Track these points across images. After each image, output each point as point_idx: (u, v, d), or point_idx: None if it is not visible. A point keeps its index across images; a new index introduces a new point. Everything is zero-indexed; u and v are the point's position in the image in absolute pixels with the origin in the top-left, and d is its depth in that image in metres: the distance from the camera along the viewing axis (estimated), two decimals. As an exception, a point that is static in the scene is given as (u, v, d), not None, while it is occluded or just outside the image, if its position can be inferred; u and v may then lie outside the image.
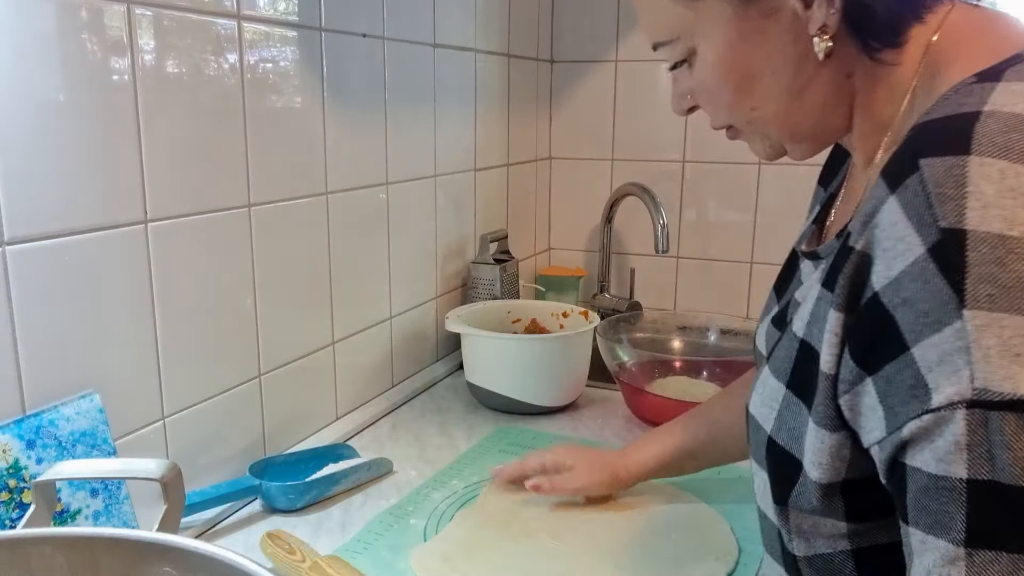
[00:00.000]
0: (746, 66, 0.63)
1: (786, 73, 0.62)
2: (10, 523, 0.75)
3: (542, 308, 1.51)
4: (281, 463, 1.09)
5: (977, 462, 0.50)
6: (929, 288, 0.50)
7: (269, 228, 1.08)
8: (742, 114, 0.67)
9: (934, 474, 0.52)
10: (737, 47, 0.63)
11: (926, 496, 0.53)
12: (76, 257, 0.83)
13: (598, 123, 1.90)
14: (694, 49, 0.65)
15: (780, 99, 0.64)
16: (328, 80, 1.17)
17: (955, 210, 0.50)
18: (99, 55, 0.84)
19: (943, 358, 0.50)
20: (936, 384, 0.51)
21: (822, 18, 0.59)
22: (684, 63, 0.68)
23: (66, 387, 0.83)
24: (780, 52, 0.62)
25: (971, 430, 0.49)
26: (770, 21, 0.61)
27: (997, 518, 0.50)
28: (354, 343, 1.30)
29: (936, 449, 0.51)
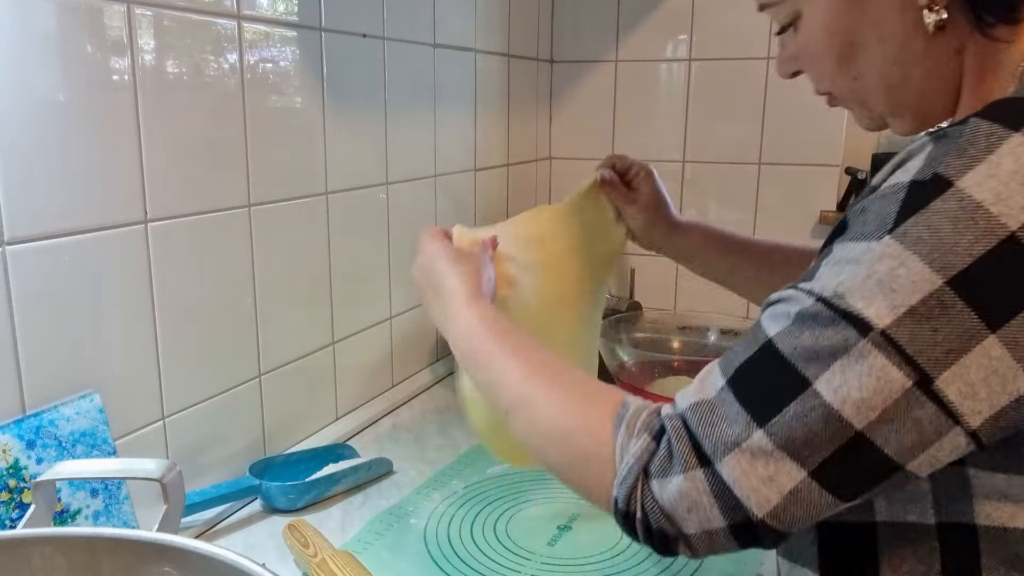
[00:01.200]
0: (851, 33, 0.62)
1: (892, 44, 0.61)
2: (10, 523, 0.75)
3: (542, 308, 1.50)
4: (281, 463, 1.09)
5: (786, 335, 0.54)
6: (883, 208, 0.52)
7: (269, 228, 1.08)
8: (844, 82, 0.65)
9: (758, 322, 0.57)
10: (843, 13, 0.62)
11: (744, 337, 0.59)
12: (76, 257, 0.83)
13: (598, 123, 1.90)
14: (800, 12, 0.65)
15: (883, 70, 0.62)
16: (328, 80, 1.16)
17: (961, 167, 0.50)
18: (99, 55, 0.84)
19: (840, 262, 0.53)
20: (818, 275, 0.54)
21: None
22: (790, 27, 0.67)
23: (66, 387, 0.83)
24: (887, 21, 0.60)
25: (802, 313, 0.53)
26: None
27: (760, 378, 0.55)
28: (354, 343, 1.29)
29: (776, 311, 0.56)
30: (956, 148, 0.51)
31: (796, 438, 0.52)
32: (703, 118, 1.81)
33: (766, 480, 0.53)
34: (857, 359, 0.50)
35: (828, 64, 0.65)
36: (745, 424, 0.53)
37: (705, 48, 1.77)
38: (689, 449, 0.55)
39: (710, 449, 0.55)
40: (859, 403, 0.50)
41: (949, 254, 0.48)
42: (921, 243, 0.49)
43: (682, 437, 0.56)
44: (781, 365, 0.53)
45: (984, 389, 0.49)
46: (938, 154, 0.51)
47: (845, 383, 0.50)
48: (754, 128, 1.77)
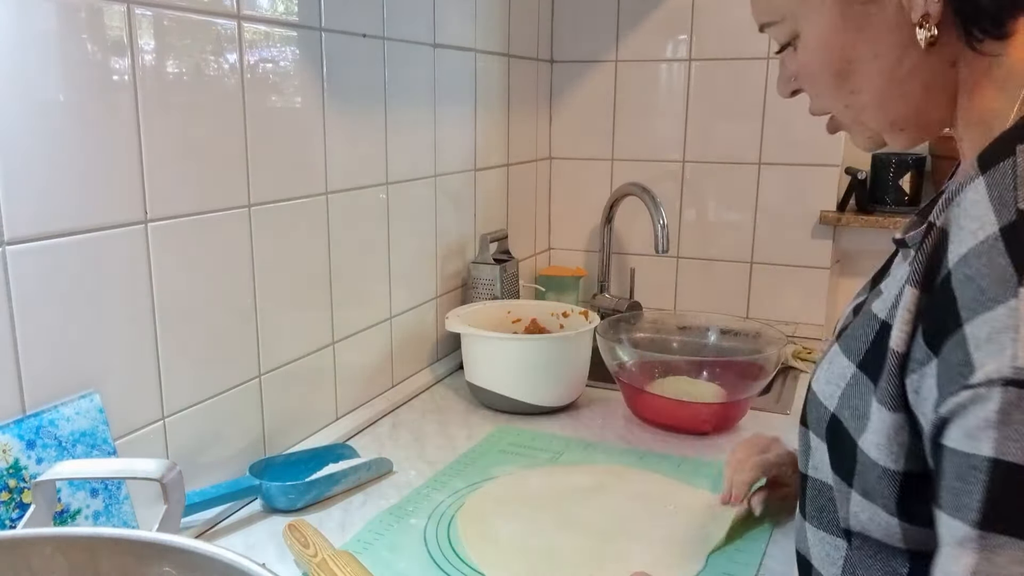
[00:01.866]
0: (847, 50, 0.64)
1: (887, 60, 0.62)
2: (10, 523, 0.75)
3: (542, 308, 1.51)
4: (281, 463, 1.09)
5: (1004, 441, 0.48)
6: (992, 266, 0.50)
7: (269, 228, 1.08)
8: (841, 98, 0.66)
9: (961, 451, 0.51)
10: (839, 31, 0.63)
11: (953, 476, 0.51)
12: (76, 257, 0.83)
13: (598, 123, 1.90)
14: (798, 32, 0.66)
15: (880, 85, 0.64)
16: (328, 80, 1.17)
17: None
18: (99, 55, 0.84)
19: (991, 336, 0.49)
20: (980, 362, 0.50)
21: (924, 6, 0.59)
22: (789, 46, 0.69)
23: (66, 387, 0.83)
24: (882, 38, 0.62)
25: (1003, 408, 0.48)
26: (873, 7, 0.62)
27: (1013, 501, 0.48)
28: (354, 343, 1.30)
29: (967, 426, 0.50)
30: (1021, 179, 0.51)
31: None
32: (703, 118, 1.81)
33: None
34: None
35: (826, 81, 0.66)
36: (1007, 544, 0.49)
37: (705, 48, 1.77)
38: None
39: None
40: None
41: None
42: None
43: None
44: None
45: None
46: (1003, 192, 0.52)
47: None
48: (754, 128, 1.77)
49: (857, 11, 0.62)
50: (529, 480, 1.10)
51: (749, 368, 1.32)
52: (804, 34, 0.66)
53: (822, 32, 0.64)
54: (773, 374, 1.32)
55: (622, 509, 1.03)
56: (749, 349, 1.43)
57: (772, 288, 1.82)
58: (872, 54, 0.63)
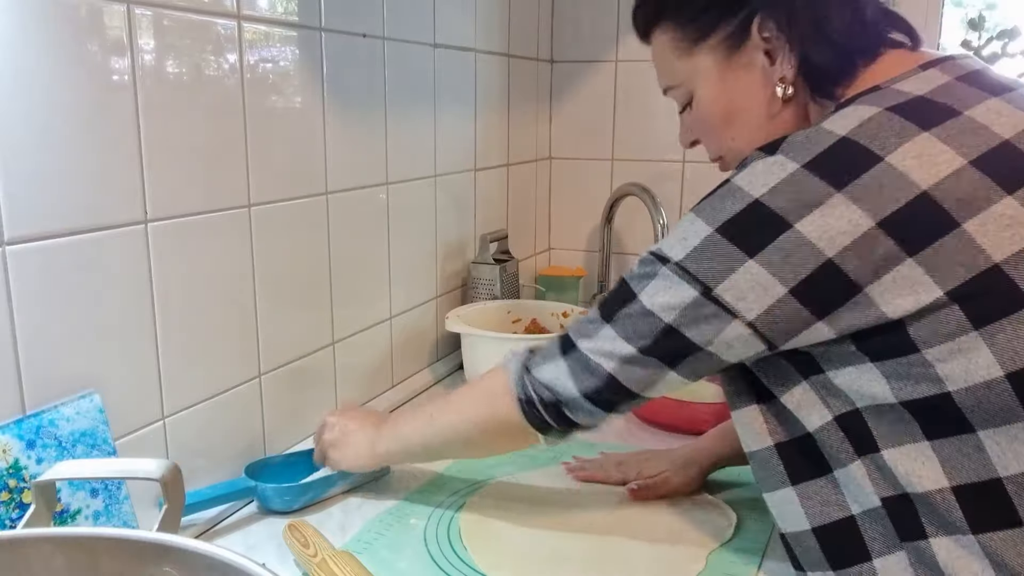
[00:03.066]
0: (728, 105, 0.84)
1: (758, 109, 0.82)
2: (10, 523, 0.75)
3: (542, 308, 1.51)
4: (279, 463, 1.08)
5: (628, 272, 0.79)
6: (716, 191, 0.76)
7: (269, 228, 1.08)
8: (726, 142, 0.86)
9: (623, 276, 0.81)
10: (722, 91, 0.83)
11: None
12: (76, 257, 0.83)
13: (598, 123, 1.90)
14: (692, 93, 0.86)
15: (752, 130, 0.83)
16: (328, 80, 1.16)
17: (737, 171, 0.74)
18: (99, 55, 0.84)
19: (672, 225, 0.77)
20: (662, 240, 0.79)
21: (782, 71, 0.80)
22: (688, 106, 0.88)
23: (66, 387, 0.83)
24: (753, 94, 0.82)
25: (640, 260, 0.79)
26: (746, 71, 0.82)
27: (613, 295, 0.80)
28: (354, 343, 1.30)
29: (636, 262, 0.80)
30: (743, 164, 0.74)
31: (627, 326, 0.77)
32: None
33: (608, 352, 0.78)
34: (662, 279, 0.75)
35: (716, 129, 0.86)
36: (599, 321, 0.80)
37: (705, 48, 1.77)
38: (558, 346, 0.84)
39: (573, 334, 0.83)
40: (664, 306, 0.74)
41: (717, 213, 0.73)
42: (703, 211, 0.74)
43: (555, 340, 0.85)
44: (624, 288, 0.78)
45: (751, 294, 0.70)
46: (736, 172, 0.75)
47: (657, 294, 0.75)
48: (754, 128, 1.76)
49: (734, 75, 0.82)
50: (529, 481, 1.10)
51: (749, 368, 1.31)
52: (697, 94, 0.85)
53: (710, 92, 0.84)
54: (773, 374, 1.32)
55: (622, 509, 1.03)
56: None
57: None
58: (746, 106, 0.82)
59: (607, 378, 0.79)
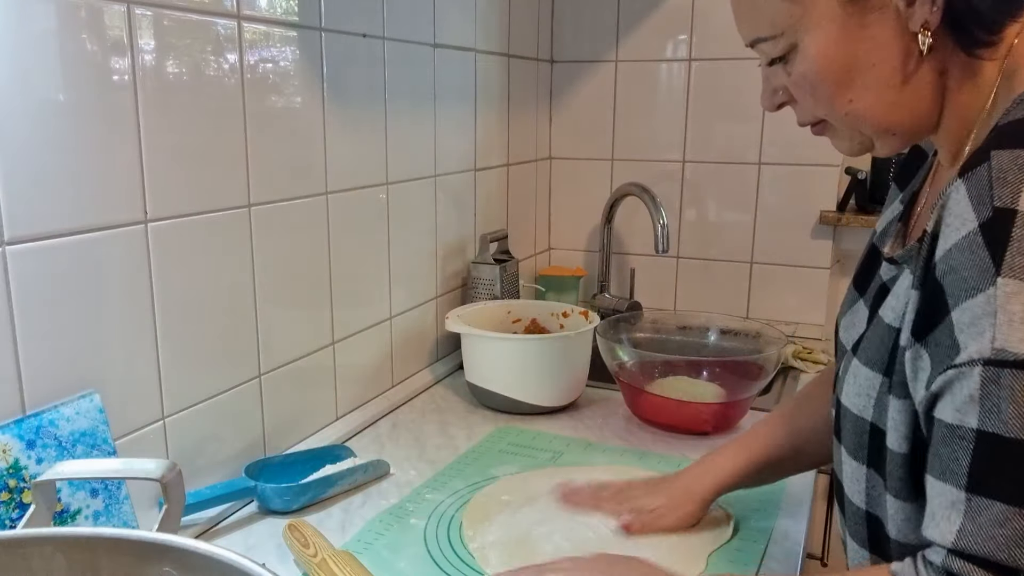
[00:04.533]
0: (848, 60, 0.66)
1: (886, 67, 0.66)
2: (10, 523, 0.75)
3: (542, 308, 1.51)
4: (279, 464, 1.09)
5: (987, 414, 0.55)
6: (973, 258, 0.56)
7: (269, 228, 1.08)
8: (840, 107, 0.68)
9: (950, 423, 0.58)
10: (840, 41, 0.66)
11: (942, 444, 0.59)
12: (76, 257, 0.83)
13: (598, 123, 1.90)
14: (795, 44, 0.68)
15: (878, 93, 0.67)
16: (328, 80, 1.17)
17: (1011, 193, 0.55)
18: (99, 55, 0.84)
19: (974, 320, 0.55)
20: (964, 343, 0.56)
21: (924, 15, 0.63)
22: (781, 60, 0.70)
23: (66, 387, 0.83)
24: (882, 47, 0.65)
25: (984, 384, 0.55)
26: (873, 17, 0.64)
27: (995, 468, 0.55)
28: (354, 343, 1.30)
29: (955, 401, 0.57)
30: (995, 180, 0.56)
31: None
32: (703, 118, 1.81)
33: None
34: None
35: (827, 90, 0.68)
36: (1014, 515, 0.54)
37: (705, 48, 1.77)
38: (986, 572, 0.56)
39: (1006, 559, 0.55)
40: None
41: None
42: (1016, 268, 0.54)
43: (974, 569, 0.56)
44: (1005, 445, 0.54)
45: None
46: (981, 192, 0.57)
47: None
48: (754, 128, 1.77)
49: (858, 21, 0.65)
50: (529, 481, 1.10)
51: (749, 368, 1.32)
52: (804, 45, 0.67)
53: (824, 43, 0.66)
54: (773, 374, 1.32)
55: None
56: (749, 349, 1.43)
57: (772, 288, 1.82)
58: (871, 63, 0.66)
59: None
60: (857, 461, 0.71)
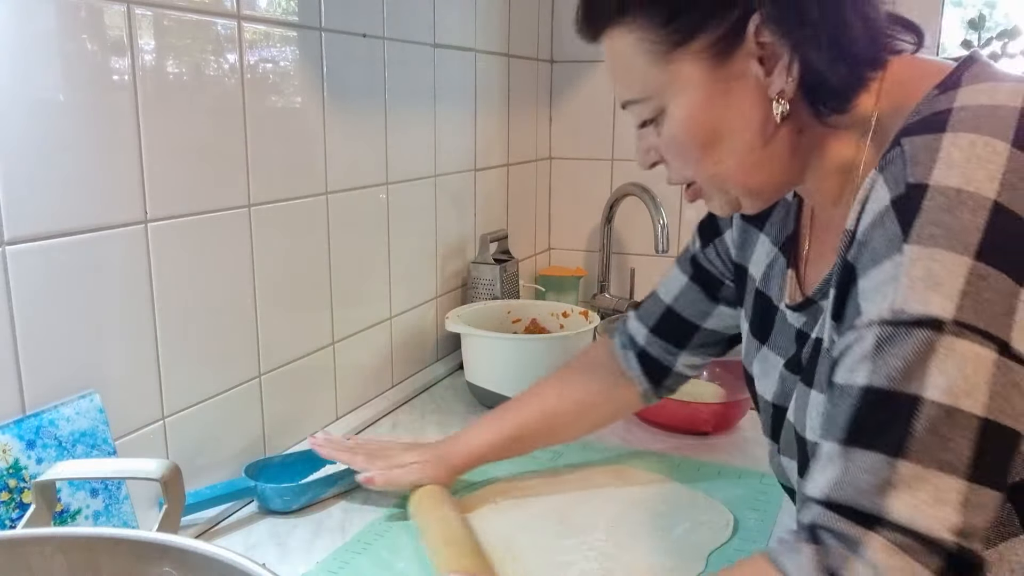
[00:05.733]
0: (713, 124, 0.69)
1: (748, 132, 0.68)
2: (10, 523, 0.75)
3: (542, 308, 1.51)
4: (279, 464, 1.08)
5: (875, 371, 0.55)
6: (883, 231, 0.57)
7: (269, 228, 1.08)
8: (706, 168, 0.71)
9: (839, 383, 0.58)
10: (706, 106, 0.68)
11: (831, 404, 0.59)
12: (76, 257, 0.83)
13: (598, 123, 1.90)
14: (663, 108, 0.70)
15: (742, 155, 0.69)
16: (328, 80, 1.17)
17: (923, 170, 0.57)
18: (99, 55, 0.84)
19: (878, 286, 0.57)
20: (865, 309, 0.57)
21: (781, 84, 0.66)
22: (651, 122, 0.73)
23: (66, 387, 0.83)
24: (743, 113, 0.68)
25: (877, 344, 0.55)
26: (735, 84, 0.67)
27: (873, 419, 0.55)
28: (354, 343, 1.30)
29: (848, 360, 0.58)
30: (908, 161, 0.58)
31: (936, 450, 0.53)
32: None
33: (936, 503, 0.53)
34: (947, 354, 0.53)
35: (693, 153, 0.70)
36: (884, 464, 0.54)
37: (705, 48, 1.77)
38: (852, 523, 0.55)
39: (869, 505, 0.54)
40: (969, 391, 0.53)
41: (962, 234, 0.54)
42: (936, 237, 0.54)
43: (838, 519, 0.56)
44: (887, 398, 0.55)
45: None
46: (896, 173, 0.58)
47: (948, 379, 0.53)
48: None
49: (721, 88, 0.67)
50: (529, 482, 1.10)
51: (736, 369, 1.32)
52: (671, 110, 0.70)
53: (690, 108, 0.68)
54: (773, 374, 1.32)
55: (621, 511, 1.03)
56: (749, 349, 1.43)
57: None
58: (734, 127, 0.68)
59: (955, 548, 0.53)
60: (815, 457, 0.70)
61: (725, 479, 1.10)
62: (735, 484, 1.09)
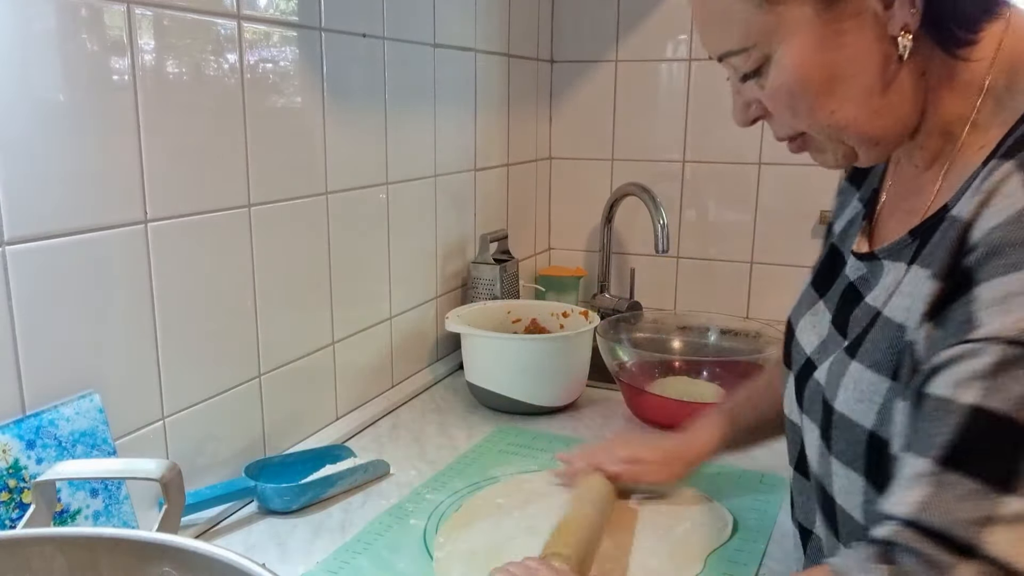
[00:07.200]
0: (828, 69, 0.63)
1: (868, 74, 0.63)
2: (10, 523, 0.75)
3: (542, 308, 1.51)
4: (278, 464, 1.09)
5: (991, 392, 0.51)
6: (1016, 236, 0.52)
7: (269, 228, 1.08)
8: (822, 118, 0.65)
9: (941, 396, 0.53)
10: (819, 50, 0.62)
11: (924, 419, 0.54)
12: (76, 257, 0.83)
13: (598, 123, 1.90)
14: (769, 56, 0.65)
15: (861, 100, 0.64)
16: (328, 80, 1.16)
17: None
18: (99, 55, 0.84)
19: (1005, 298, 0.52)
20: (984, 321, 0.52)
21: (904, 17, 0.60)
22: (754, 74, 0.67)
23: (66, 387, 0.83)
24: (862, 53, 0.62)
25: (999, 362, 0.51)
26: (851, 23, 0.61)
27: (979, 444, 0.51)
28: (354, 343, 1.30)
29: (956, 376, 0.53)
30: None
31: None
32: (703, 118, 1.81)
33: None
34: None
35: (806, 102, 0.65)
36: (987, 495, 0.50)
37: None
38: (942, 550, 0.51)
39: (965, 535, 0.50)
40: None
41: None
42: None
43: (926, 542, 0.52)
44: (999, 424, 0.51)
45: None
46: None
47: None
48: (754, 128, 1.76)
49: (835, 28, 0.62)
50: (530, 482, 1.10)
51: (749, 368, 1.32)
52: (779, 57, 0.64)
53: (801, 53, 0.63)
54: (773, 374, 1.32)
55: (620, 512, 1.03)
56: (749, 349, 1.43)
57: (772, 288, 1.82)
58: (852, 70, 0.63)
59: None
60: (855, 472, 0.66)
61: (725, 479, 1.10)
62: (735, 484, 1.09)
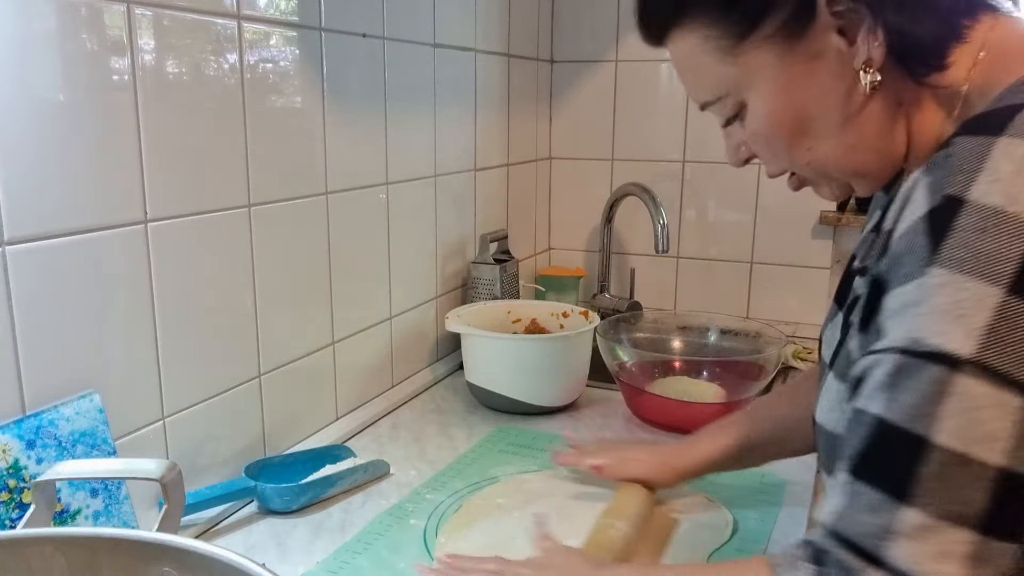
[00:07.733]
0: (798, 110, 0.64)
1: (837, 110, 0.63)
2: (10, 523, 0.75)
3: (542, 308, 1.51)
4: (278, 464, 1.08)
5: (889, 402, 0.53)
6: (913, 245, 0.54)
7: (269, 228, 1.08)
8: (800, 157, 0.67)
9: (857, 408, 0.57)
10: (786, 92, 0.64)
11: (847, 429, 0.58)
12: (76, 257, 0.83)
13: (598, 123, 1.90)
14: (743, 102, 0.67)
15: (834, 137, 0.64)
16: (328, 80, 1.16)
17: (964, 181, 0.53)
18: (99, 55, 0.84)
19: (902, 308, 0.54)
20: (888, 330, 0.55)
21: (866, 52, 0.61)
22: (736, 118, 0.69)
23: (66, 387, 0.83)
24: (829, 91, 0.63)
25: (894, 372, 0.53)
26: (816, 63, 0.62)
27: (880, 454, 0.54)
28: (354, 343, 1.30)
29: (867, 384, 0.56)
30: (952, 168, 0.54)
31: (943, 499, 0.51)
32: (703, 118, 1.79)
33: (940, 556, 0.51)
34: (960, 396, 0.50)
35: (783, 143, 0.66)
36: (888, 507, 0.53)
37: (705, 48, 1.77)
38: (852, 555, 0.54)
39: (871, 546, 0.53)
40: (984, 438, 0.50)
41: (995, 263, 0.50)
42: (965, 261, 0.51)
43: (841, 549, 0.55)
44: (895, 435, 0.53)
45: None
46: (938, 179, 0.54)
47: (959, 424, 0.50)
48: (754, 128, 1.76)
49: (800, 70, 0.63)
50: (530, 482, 1.10)
51: (749, 368, 1.32)
52: (751, 104, 0.66)
53: (769, 98, 0.64)
54: (773, 374, 1.32)
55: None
56: (749, 349, 1.43)
57: (772, 288, 1.82)
58: (822, 108, 0.64)
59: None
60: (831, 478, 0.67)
61: (725, 479, 1.10)
62: (735, 484, 1.09)
